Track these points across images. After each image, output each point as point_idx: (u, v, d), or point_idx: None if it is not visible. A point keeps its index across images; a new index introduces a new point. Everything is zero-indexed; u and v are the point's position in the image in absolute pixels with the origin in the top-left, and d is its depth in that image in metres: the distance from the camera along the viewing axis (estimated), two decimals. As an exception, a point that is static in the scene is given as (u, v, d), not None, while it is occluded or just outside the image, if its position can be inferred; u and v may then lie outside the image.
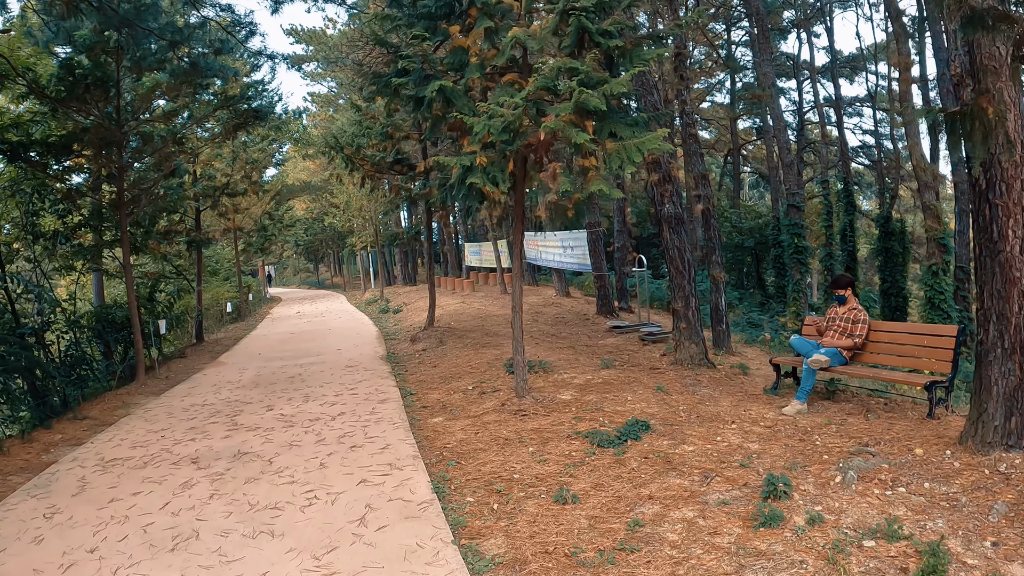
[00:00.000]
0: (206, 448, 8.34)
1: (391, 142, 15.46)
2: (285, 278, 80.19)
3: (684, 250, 11.64)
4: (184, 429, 9.50)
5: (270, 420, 9.54)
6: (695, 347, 11.46)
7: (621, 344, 14.56)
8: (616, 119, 7.47)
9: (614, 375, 10.60)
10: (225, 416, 10.08)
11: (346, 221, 35.19)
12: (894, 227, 26.89)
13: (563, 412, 8.52)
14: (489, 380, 10.86)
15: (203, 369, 15.29)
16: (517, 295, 8.82)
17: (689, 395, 9.44)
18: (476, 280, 31.74)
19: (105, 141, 13.57)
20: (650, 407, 8.63)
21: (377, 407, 9.77)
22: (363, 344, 17.19)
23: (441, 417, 8.97)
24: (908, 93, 17.54)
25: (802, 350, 8.87)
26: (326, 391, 11.31)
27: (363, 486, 6.43)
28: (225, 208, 23.00)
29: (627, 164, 7.06)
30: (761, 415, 8.28)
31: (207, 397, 11.77)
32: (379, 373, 12.71)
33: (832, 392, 9.10)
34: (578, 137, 6.68)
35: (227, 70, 13.10)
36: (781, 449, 6.81)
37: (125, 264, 13.74)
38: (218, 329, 24.08)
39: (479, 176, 7.07)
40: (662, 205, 11.52)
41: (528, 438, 7.53)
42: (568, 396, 9.29)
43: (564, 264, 21.55)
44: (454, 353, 13.75)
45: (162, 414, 10.74)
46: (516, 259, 8.81)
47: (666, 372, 10.95)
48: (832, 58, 30.24)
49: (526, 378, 9.09)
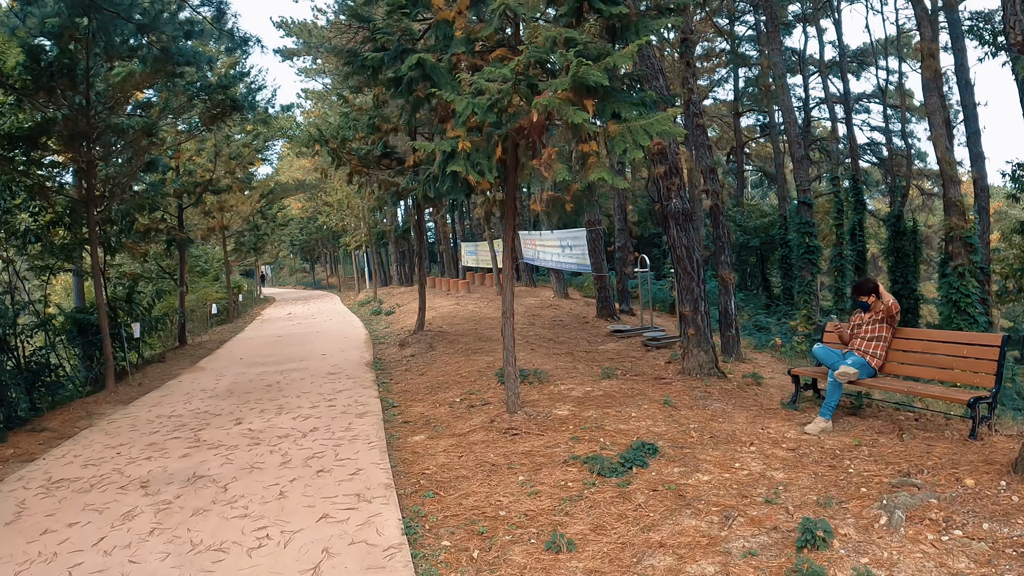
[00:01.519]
0: (160, 469, 7.44)
1: (378, 135, 14.55)
2: (281, 278, 79.36)
3: (693, 249, 10.74)
4: (143, 445, 8.61)
5: (236, 436, 8.63)
6: (704, 355, 10.56)
7: (623, 350, 13.67)
8: (620, 98, 6.55)
9: (616, 386, 9.68)
10: (189, 430, 9.18)
11: (339, 220, 34.28)
12: (905, 226, 26.01)
13: (559, 431, 7.60)
14: (479, 391, 9.95)
15: (180, 375, 14.39)
16: (508, 298, 7.89)
17: (700, 410, 8.54)
18: (472, 281, 30.77)
19: (74, 134, 12.68)
20: (657, 425, 7.72)
21: (354, 422, 8.85)
22: (350, 349, 16.27)
23: (423, 435, 8.05)
24: (933, 81, 16.63)
25: (827, 361, 7.94)
26: (302, 402, 10.40)
27: (324, 523, 5.51)
28: (210, 206, 22.01)
29: (633, 149, 6.15)
30: (782, 434, 7.39)
31: (176, 407, 10.87)
32: (362, 382, 11.79)
33: (857, 407, 8.20)
34: (576, 116, 5.77)
35: (200, 57, 12.19)
36: (810, 479, 5.91)
37: (93, 264, 12.85)
38: (204, 331, 23.15)
39: (462, 163, 6.14)
40: (668, 200, 10.60)
41: (518, 463, 6.61)
42: (565, 411, 8.37)
43: (562, 264, 20.62)
44: (443, 360, 12.85)
45: (125, 426, 9.87)
46: (506, 258, 7.88)
47: (673, 383, 10.05)
48: (840, 53, 29.31)
49: (518, 391, 8.17)
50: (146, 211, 16.95)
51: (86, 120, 12.54)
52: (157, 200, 17.01)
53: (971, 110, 18.01)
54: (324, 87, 38.90)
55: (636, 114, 6.41)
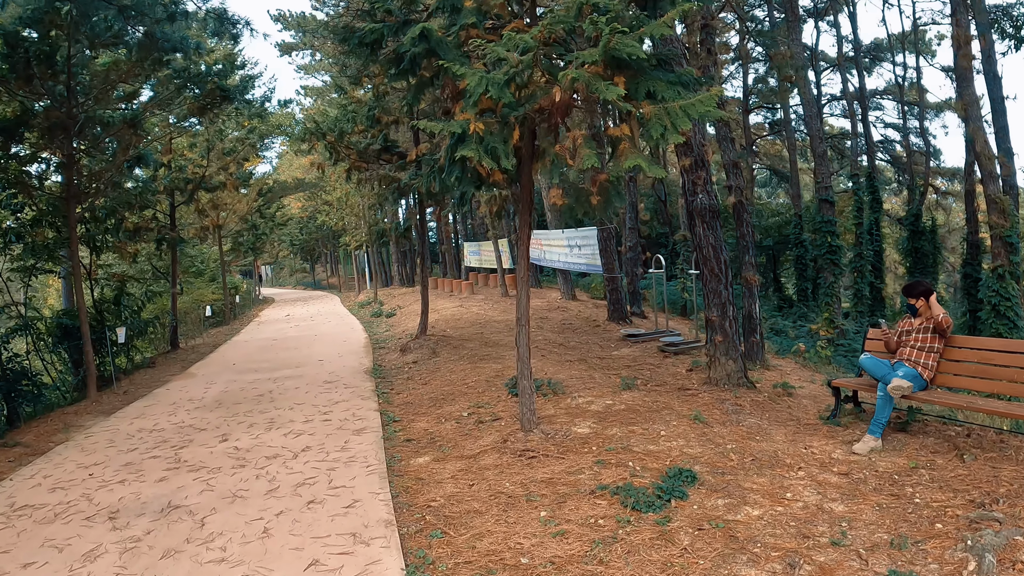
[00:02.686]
0: (132, 496, 6.61)
1: (379, 128, 13.72)
2: (281, 278, 78.59)
3: (720, 249, 9.89)
4: (118, 465, 7.79)
5: (220, 456, 7.79)
6: (732, 364, 9.73)
7: (639, 356, 12.83)
8: (655, 75, 5.70)
9: (639, 399, 8.84)
10: (170, 448, 8.35)
11: (339, 219, 33.40)
12: (924, 225, 25.16)
13: (581, 453, 6.76)
14: (488, 404, 9.11)
15: (168, 382, 13.55)
16: (523, 305, 7.03)
17: (734, 426, 7.71)
18: (475, 282, 29.88)
19: (54, 125, 11.87)
20: (691, 445, 6.88)
21: (351, 440, 7.99)
22: (348, 354, 15.40)
23: (428, 456, 7.20)
24: (968, 71, 15.78)
25: (876, 372, 7.10)
26: (295, 415, 9.55)
27: (312, 572, 4.67)
28: (203, 204, 21.11)
29: (671, 133, 5.31)
30: (828, 455, 6.58)
31: (159, 420, 10.04)
32: (361, 392, 10.94)
33: (906, 423, 7.37)
34: (609, 92, 4.93)
35: (187, 42, 11.36)
36: (874, 512, 5.10)
37: (74, 264, 12.02)
38: (198, 334, 22.29)
39: (473, 148, 5.28)
40: (694, 195, 9.76)
41: (538, 494, 5.75)
42: (586, 429, 7.53)
43: (571, 265, 19.77)
44: (448, 367, 12.00)
45: (102, 442, 9.05)
46: (522, 259, 7.01)
47: (699, 394, 9.21)
48: (855, 48, 28.43)
49: (534, 407, 7.32)
50: (136, 209, 16.10)
51: (67, 110, 11.73)
52: (147, 197, 16.18)
53: (999, 104, 17.15)
54: (324, 84, 38.09)
55: (675, 93, 5.56)
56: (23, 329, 13.92)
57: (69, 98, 11.73)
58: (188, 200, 18.48)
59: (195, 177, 17.83)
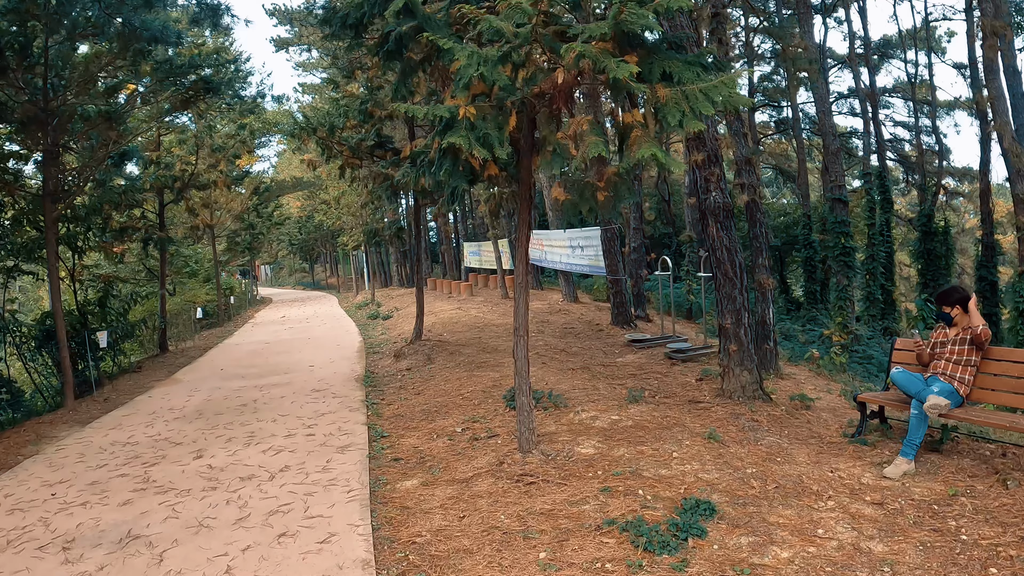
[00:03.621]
0: (92, 523, 5.98)
1: (371, 123, 13.08)
2: (280, 278, 77.97)
3: (735, 252, 9.23)
4: (84, 484, 7.18)
5: (192, 475, 7.15)
6: (748, 375, 9.07)
7: (644, 363, 12.19)
8: (670, 55, 5.05)
9: (647, 414, 8.18)
10: (141, 465, 7.71)
11: (336, 219, 32.70)
12: (936, 227, 24.47)
13: (585, 478, 6.11)
14: (484, 417, 8.46)
15: (152, 388, 12.90)
16: (521, 312, 6.37)
17: (751, 445, 7.07)
18: (475, 283, 29.16)
19: (29, 119, 11.25)
20: (707, 469, 6.22)
21: (334, 459, 7.33)
22: (340, 359, 14.74)
23: (416, 479, 6.54)
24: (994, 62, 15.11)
25: (910, 388, 6.44)
26: (277, 429, 8.89)
27: (274, 628, 4.03)
28: (193, 203, 20.41)
29: (690, 119, 4.66)
30: (857, 479, 5.95)
31: (135, 432, 9.40)
32: (349, 402, 10.28)
33: (939, 442, 6.74)
34: (620, 70, 4.28)
35: (169, 31, 10.71)
36: (918, 552, 4.48)
37: (50, 264, 11.39)
38: (189, 337, 21.63)
39: (463, 135, 4.62)
40: (707, 193, 9.10)
41: (537, 529, 5.10)
42: (590, 449, 6.87)
43: (573, 266, 19.10)
44: (443, 375, 11.34)
45: (72, 456, 8.45)
46: (520, 262, 6.35)
47: (712, 408, 8.57)
48: (865, 44, 27.75)
49: (533, 426, 6.66)
50: (122, 208, 15.45)
51: (44, 104, 11.10)
52: (134, 196, 15.53)
53: (1019, 100, 16.46)
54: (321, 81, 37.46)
55: (693, 75, 4.91)
56: (1, 332, 13.33)
57: (46, 91, 11.12)
58: (177, 199, 17.81)
59: (183, 175, 17.13)
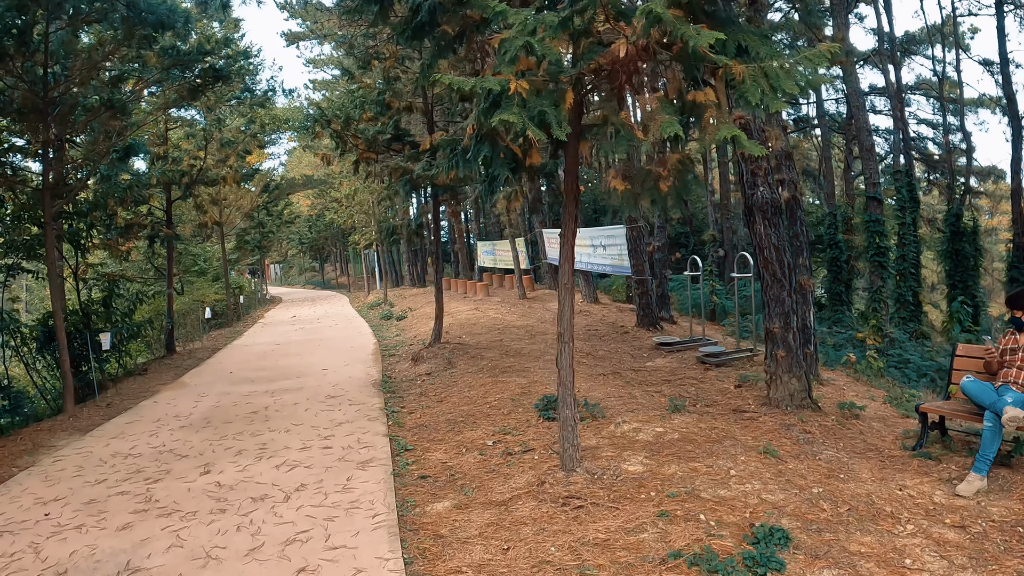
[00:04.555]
0: (86, 551, 5.36)
1: (389, 114, 12.43)
2: (290, 277, 77.44)
3: (783, 250, 8.57)
4: (80, 503, 6.56)
5: (198, 494, 6.51)
6: (796, 383, 8.43)
7: (676, 368, 11.54)
8: (744, 29, 4.40)
9: (693, 425, 7.51)
10: (143, 481, 7.08)
11: (347, 217, 32.05)
12: (965, 226, 23.69)
13: (638, 500, 5.45)
14: (516, 429, 7.80)
15: (157, 393, 12.29)
16: (567, 317, 5.70)
17: (809, 460, 6.43)
18: (490, 283, 28.43)
19: (29, 109, 10.66)
20: (769, 490, 5.57)
21: (355, 476, 6.68)
22: (355, 362, 14.07)
23: (448, 501, 5.89)
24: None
25: (983, 399, 5.84)
26: (291, 440, 8.25)
27: None
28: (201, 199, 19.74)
29: (771, 99, 4.01)
30: (929, 498, 5.41)
31: (138, 443, 8.78)
32: (367, 410, 9.63)
33: (1008, 455, 6.16)
34: (700, 38, 3.63)
35: (176, 14, 10.11)
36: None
37: (48, 263, 10.80)
38: (197, 337, 21.01)
39: (515, 112, 3.95)
40: (754, 188, 8.43)
41: (594, 564, 4.44)
42: (638, 466, 6.21)
43: (594, 266, 18.41)
44: (466, 380, 10.69)
45: (70, 469, 7.84)
46: (566, 261, 5.67)
47: (759, 418, 7.92)
48: (891, 40, 26.98)
49: (577, 442, 6.00)
50: (128, 204, 14.84)
51: (44, 93, 10.50)
52: (140, 191, 14.93)
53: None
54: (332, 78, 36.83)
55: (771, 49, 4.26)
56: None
57: (46, 80, 10.52)
58: (185, 195, 17.19)
59: (190, 169, 16.49)
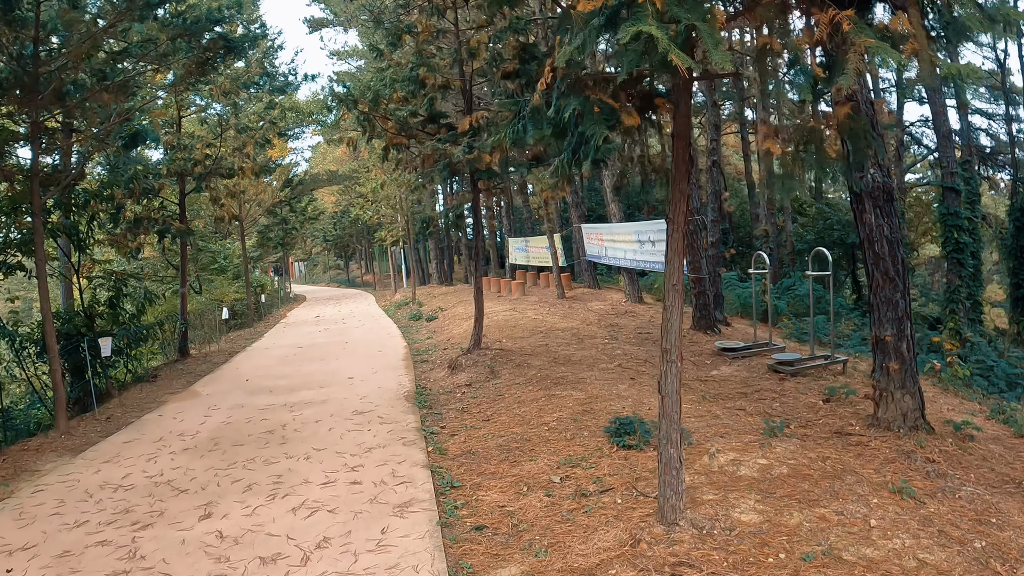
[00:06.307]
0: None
1: (423, 93, 11.08)
2: (315, 275, 76.52)
3: (897, 244, 7.20)
4: (50, 557, 5.31)
5: (192, 550, 5.17)
6: (910, 400, 7.07)
7: (747, 378, 10.14)
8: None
9: (799, 454, 6.08)
10: (129, 527, 5.76)
11: (374, 212, 30.74)
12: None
13: (766, 566, 4.06)
14: (586, 459, 6.39)
15: (164, 404, 11.02)
16: (674, 329, 4.28)
17: (949, 499, 5.12)
18: (525, 281, 26.86)
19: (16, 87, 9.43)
20: (923, 545, 4.21)
21: (391, 526, 5.29)
22: (384, 369, 12.66)
23: (516, 566, 4.48)
24: None
25: None
26: (312, 470, 6.88)
27: None
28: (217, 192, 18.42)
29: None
30: None
31: (134, 468, 7.49)
32: (402, 430, 8.22)
33: None
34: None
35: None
36: None
37: (38, 260, 9.54)
38: (214, 339, 19.74)
39: (653, 25, 2.56)
40: (862, 170, 7.02)
41: None
42: (754, 515, 4.80)
43: (640, 263, 16.92)
44: (514, 394, 9.28)
45: (50, 504, 6.57)
46: (676, 255, 4.24)
47: (871, 443, 6.58)
48: (949, 19, 25.23)
49: (682, 488, 4.59)
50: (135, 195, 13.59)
51: (33, 68, 9.25)
52: (148, 181, 13.68)
53: None
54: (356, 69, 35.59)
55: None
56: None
57: (36, 54, 9.27)
58: (198, 187, 15.89)
59: (204, 159, 15.15)
